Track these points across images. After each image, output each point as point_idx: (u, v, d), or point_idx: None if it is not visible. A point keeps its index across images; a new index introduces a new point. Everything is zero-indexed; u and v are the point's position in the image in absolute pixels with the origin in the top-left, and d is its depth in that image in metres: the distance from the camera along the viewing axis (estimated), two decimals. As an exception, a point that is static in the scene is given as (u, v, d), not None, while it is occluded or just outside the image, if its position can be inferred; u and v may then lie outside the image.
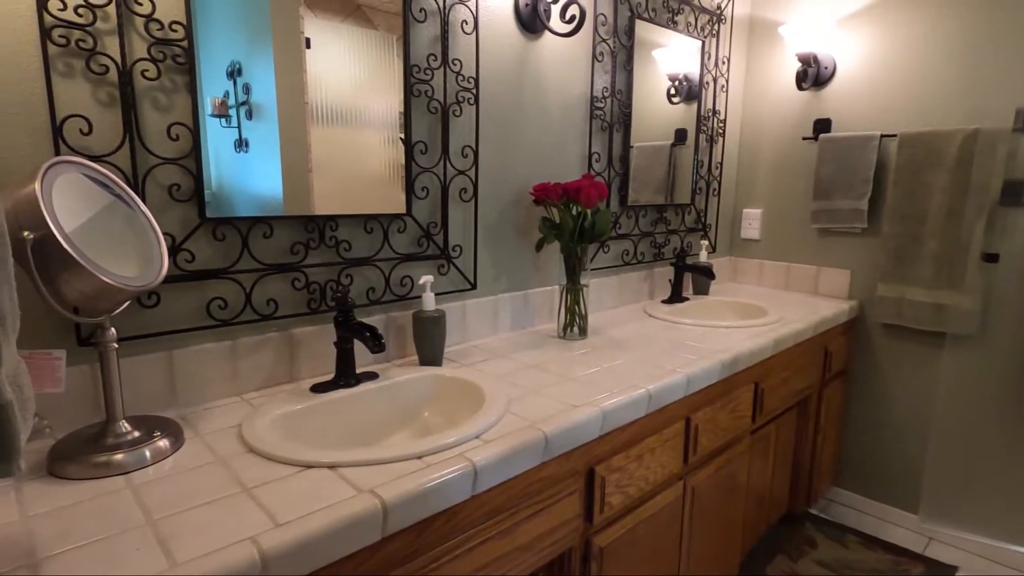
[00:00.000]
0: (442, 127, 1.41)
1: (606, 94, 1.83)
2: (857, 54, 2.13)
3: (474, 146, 1.48)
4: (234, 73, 1.10)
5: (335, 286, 1.26)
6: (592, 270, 1.89)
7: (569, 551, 1.14)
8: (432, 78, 1.37)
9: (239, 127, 1.11)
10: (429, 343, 1.33)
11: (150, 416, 1.00)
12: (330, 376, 1.18)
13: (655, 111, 2.06)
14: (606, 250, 1.94)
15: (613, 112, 1.86)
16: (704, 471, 1.49)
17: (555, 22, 1.59)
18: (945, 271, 1.95)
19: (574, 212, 1.54)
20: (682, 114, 2.19)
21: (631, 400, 1.18)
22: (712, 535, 1.58)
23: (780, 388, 1.78)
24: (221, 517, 0.73)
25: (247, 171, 1.12)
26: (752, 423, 1.67)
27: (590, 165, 1.82)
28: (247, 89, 1.11)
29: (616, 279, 1.99)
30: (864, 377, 2.23)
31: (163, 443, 0.90)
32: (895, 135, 2.02)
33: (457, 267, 1.50)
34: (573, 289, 1.59)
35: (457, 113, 1.43)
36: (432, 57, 1.36)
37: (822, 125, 2.24)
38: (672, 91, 2.11)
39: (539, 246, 1.61)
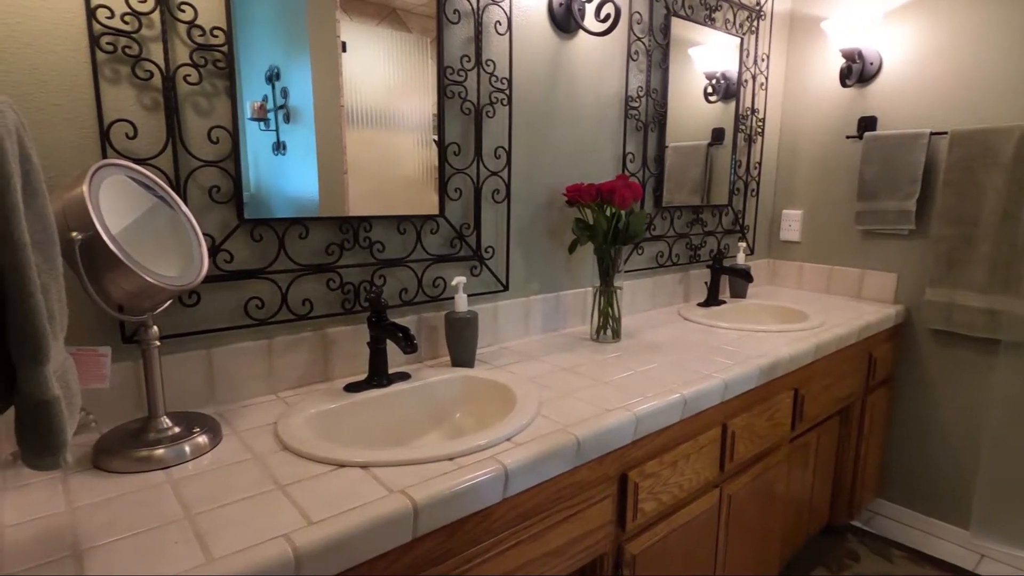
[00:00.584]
0: (475, 128, 1.41)
1: (641, 93, 1.80)
2: (905, 48, 2.05)
3: (507, 147, 1.48)
4: (272, 77, 1.12)
5: (368, 287, 1.28)
6: (625, 272, 1.86)
7: (601, 557, 1.12)
8: (465, 79, 1.37)
9: (277, 130, 1.13)
10: (461, 344, 1.32)
11: (190, 412, 1.02)
12: (363, 376, 1.19)
13: (691, 110, 2.02)
14: (640, 252, 1.91)
15: (648, 112, 1.83)
16: (741, 479, 1.45)
17: (589, 21, 1.57)
18: (1000, 275, 1.86)
19: (608, 213, 1.52)
20: (719, 113, 2.14)
21: (665, 405, 1.16)
22: (749, 545, 1.54)
23: (822, 395, 1.72)
24: (256, 513, 0.74)
25: (284, 173, 1.14)
26: (792, 431, 1.62)
27: (624, 165, 1.80)
28: (285, 93, 1.13)
29: (650, 281, 1.95)
30: (911, 385, 2.14)
31: (202, 439, 0.92)
32: (946, 133, 1.94)
33: (489, 268, 1.50)
34: (606, 291, 1.57)
35: (490, 114, 1.43)
36: (465, 58, 1.36)
37: (867, 123, 2.16)
38: (709, 89, 2.07)
39: (572, 248, 1.60)
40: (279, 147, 1.14)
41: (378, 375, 1.18)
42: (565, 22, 1.55)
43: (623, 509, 1.13)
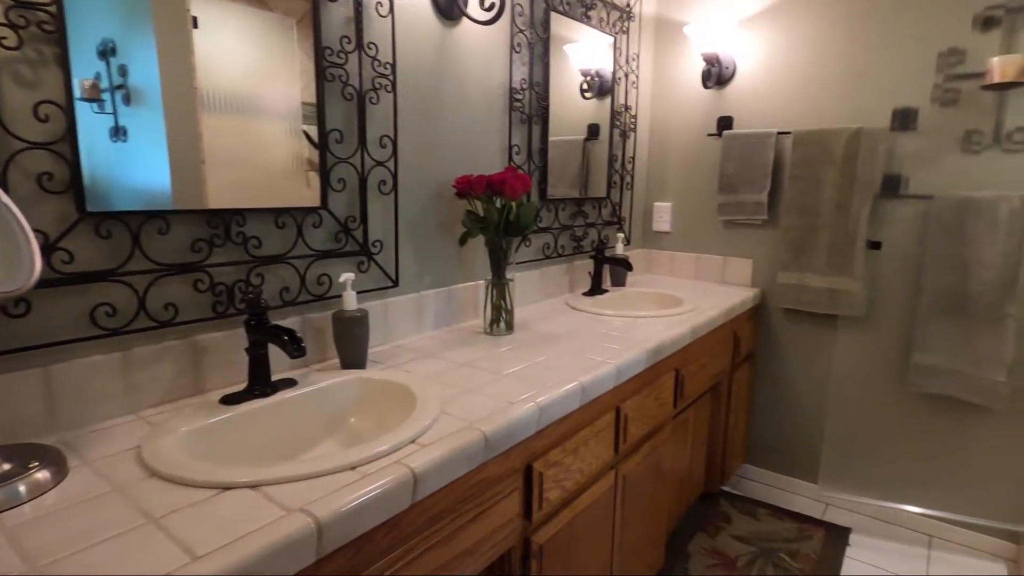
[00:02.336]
0: (358, 114, 1.32)
1: (524, 86, 1.81)
2: (755, 55, 2.26)
3: (393, 136, 1.41)
4: (107, 53, 0.96)
5: (244, 287, 1.15)
6: (516, 264, 1.87)
7: (509, 552, 1.11)
8: (346, 62, 1.28)
9: (115, 113, 0.98)
10: (351, 345, 1.24)
11: (23, 445, 0.85)
12: (243, 385, 1.07)
13: (569, 106, 2.07)
14: (528, 244, 1.92)
15: (531, 105, 1.85)
16: (633, 459, 1.51)
17: (474, 9, 1.55)
18: (836, 259, 2.12)
19: (498, 205, 1.51)
20: (595, 109, 2.22)
21: (566, 393, 1.17)
22: (642, 520, 1.62)
23: (698, 373, 1.85)
24: (125, 555, 0.63)
25: (127, 162, 0.99)
26: (674, 409, 1.73)
27: (511, 158, 1.80)
28: (124, 71, 0.98)
29: (538, 273, 1.98)
30: (768, 359, 2.38)
31: (42, 475, 0.77)
32: (790, 132, 2.17)
33: (378, 264, 1.42)
34: (499, 284, 1.55)
35: (374, 100, 1.36)
36: (346, 40, 1.28)
37: (725, 122, 2.36)
38: (585, 86, 2.13)
39: (463, 240, 1.57)
40: (118, 132, 0.98)
41: (260, 383, 1.06)
42: (449, 8, 1.51)
43: (529, 501, 1.12)
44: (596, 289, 2.11)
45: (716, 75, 2.31)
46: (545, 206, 1.98)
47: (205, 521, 0.69)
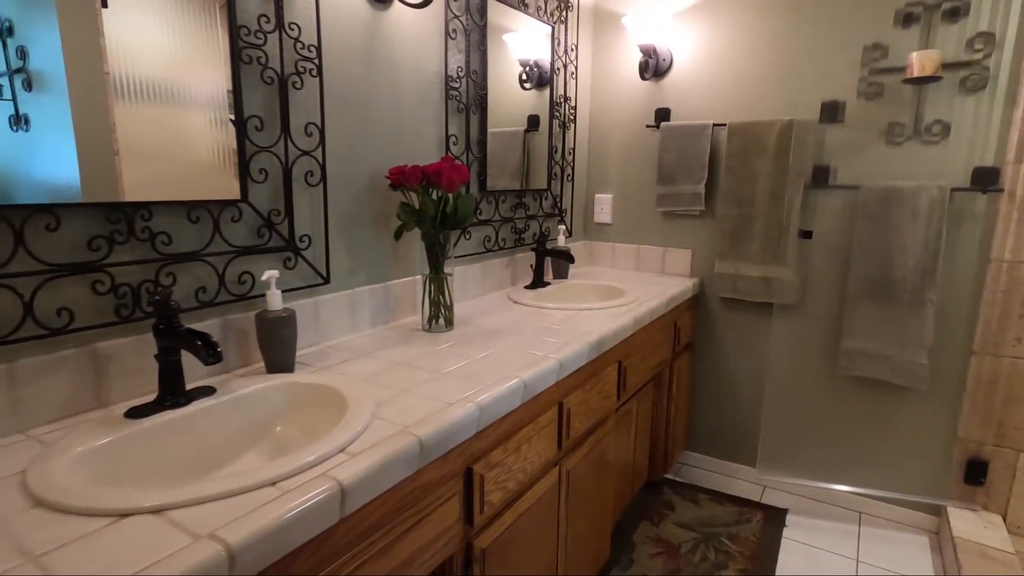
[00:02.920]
0: (280, 100, 1.23)
1: (461, 74, 1.75)
2: (691, 48, 2.28)
3: (320, 123, 1.33)
4: (2, 32, 0.85)
5: (152, 288, 1.05)
6: (455, 258, 1.81)
7: (451, 558, 1.06)
8: (265, 43, 1.19)
9: (15, 99, 0.87)
10: (277, 347, 1.16)
11: None
12: (153, 396, 0.98)
13: (508, 96, 2.03)
14: (468, 237, 1.87)
15: (469, 93, 1.79)
16: (577, 454, 1.49)
17: (404, -8, 1.48)
18: (771, 248, 2.17)
19: (435, 197, 1.45)
20: (534, 100, 2.19)
21: (507, 391, 1.13)
22: (587, 514, 1.60)
23: (640, 364, 1.86)
24: (-8, 604, 0.54)
25: (31, 154, 0.88)
26: (618, 401, 1.72)
27: (448, 148, 1.74)
28: (23, 54, 0.87)
29: (479, 266, 1.93)
30: (707, 348, 2.42)
31: (-100, 511, 0.67)
32: (725, 124, 2.20)
33: (306, 260, 1.34)
34: (437, 279, 1.50)
35: (298, 85, 1.27)
36: (264, 19, 1.18)
37: (663, 114, 2.37)
38: (524, 77, 2.10)
39: (398, 234, 1.50)
40: (19, 121, 0.87)
41: (172, 393, 0.97)
42: (378, -10, 1.43)
43: (470, 504, 1.08)
44: (538, 282, 2.08)
45: (653, 67, 2.32)
46: (485, 198, 1.93)
47: (97, 555, 0.61)
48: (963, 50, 1.86)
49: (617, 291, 2.08)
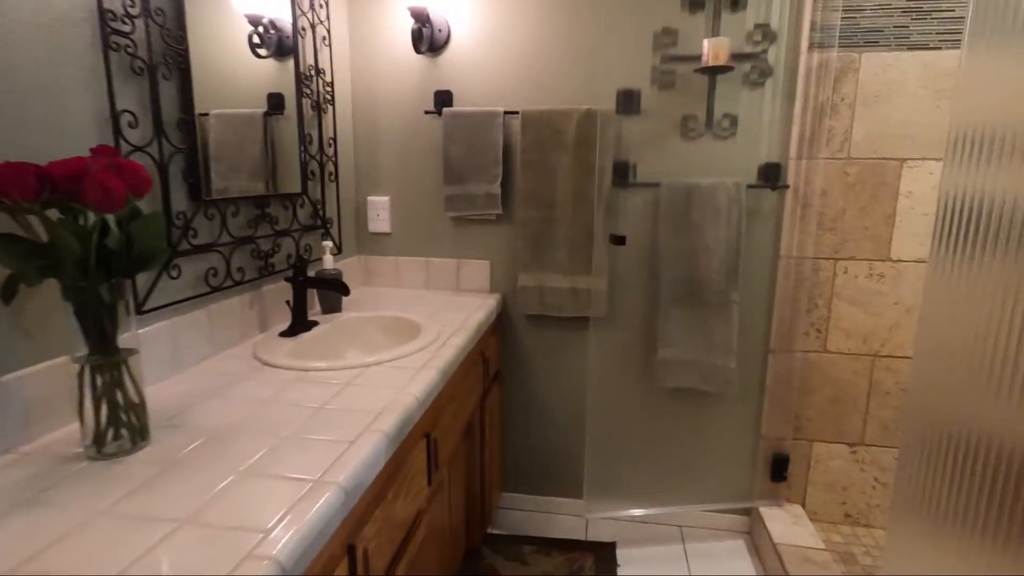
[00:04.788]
0: None
1: (132, 9, 1.07)
2: (469, 19, 1.88)
3: None
4: None
5: None
6: (152, 311, 1.14)
7: None
8: None
9: None
10: None
11: None
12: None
13: (236, 64, 1.40)
14: (175, 274, 1.20)
15: (153, 46, 1.12)
16: (383, 599, 0.99)
17: None
18: (578, 255, 1.90)
19: (82, 222, 0.80)
20: (276, 74, 1.58)
21: (245, 605, 0.58)
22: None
23: (452, 425, 1.42)
24: None
25: None
26: (429, 487, 1.25)
27: (118, 133, 1.05)
28: None
29: (202, 315, 1.28)
30: (517, 374, 2.09)
31: None
32: (518, 112, 1.86)
33: None
34: (108, 364, 0.84)
35: None
36: None
37: (444, 97, 1.94)
38: (257, 40, 1.48)
39: (8, 293, 0.80)
40: None
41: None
42: None
43: None
44: (300, 324, 1.49)
45: (428, 38, 1.87)
46: (202, 211, 1.27)
47: None
48: (745, 42, 1.78)
49: (411, 326, 1.60)
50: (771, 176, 1.83)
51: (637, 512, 2.05)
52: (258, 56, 1.51)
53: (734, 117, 1.82)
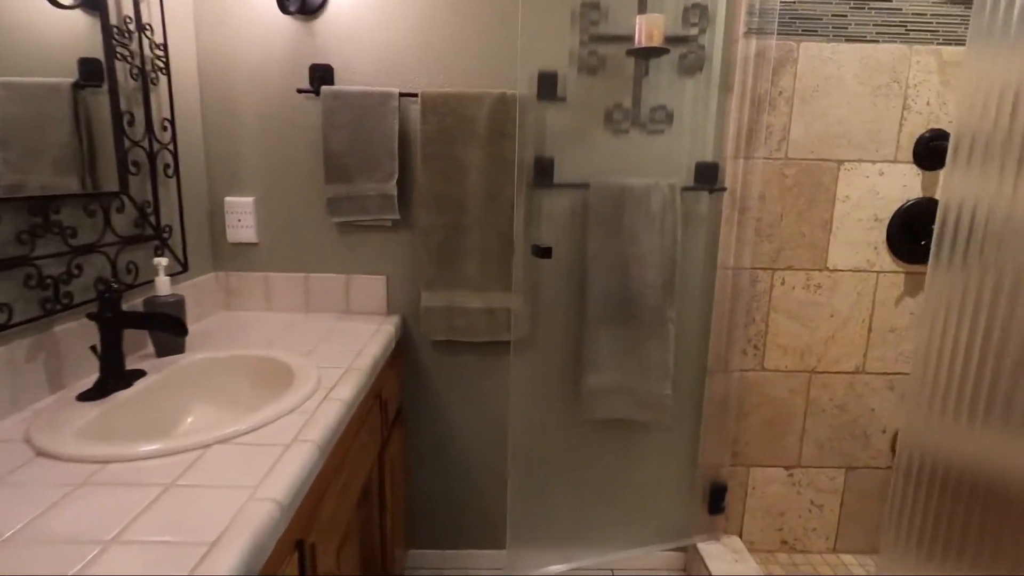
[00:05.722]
0: None
1: None
2: (355, -26, 1.51)
3: None
4: None
5: None
6: None
7: None
8: None
9: None
10: None
11: None
12: None
13: (29, 18, 0.96)
14: None
15: None
16: None
17: None
18: (493, 269, 1.59)
19: None
20: (88, 32, 1.14)
21: None
22: None
23: (338, 511, 1.05)
24: None
25: None
26: (306, 610, 0.88)
27: None
28: None
29: (-67, 383, 0.82)
30: (422, 412, 1.74)
31: None
32: (416, 95, 1.51)
33: None
34: None
35: None
36: None
37: (322, 74, 1.55)
38: (45, -24, 1.03)
39: None
40: None
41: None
42: None
43: None
44: (113, 379, 1.04)
45: (300, -4, 1.47)
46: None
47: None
48: (680, 23, 1.56)
49: (281, 370, 1.20)
50: (707, 177, 1.63)
51: (562, 568, 1.78)
52: (60, 6, 1.06)
53: (668, 110, 1.60)
